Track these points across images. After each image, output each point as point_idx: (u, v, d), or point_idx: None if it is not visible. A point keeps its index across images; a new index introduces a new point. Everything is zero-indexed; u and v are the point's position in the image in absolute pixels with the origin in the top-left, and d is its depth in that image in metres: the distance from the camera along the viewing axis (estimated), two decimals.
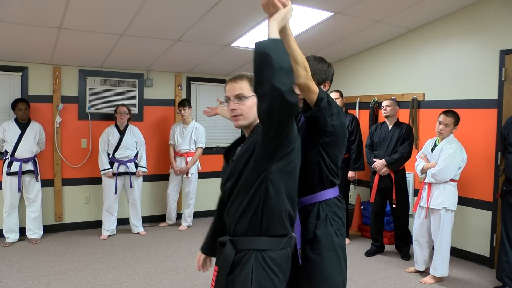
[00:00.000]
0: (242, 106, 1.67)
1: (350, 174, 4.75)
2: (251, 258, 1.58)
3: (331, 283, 1.87)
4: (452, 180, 3.64)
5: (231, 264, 1.62)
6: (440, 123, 3.69)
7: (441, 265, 3.64)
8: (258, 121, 1.64)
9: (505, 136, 3.53)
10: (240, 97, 1.67)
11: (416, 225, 3.87)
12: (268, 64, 1.37)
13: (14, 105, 4.60)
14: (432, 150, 3.80)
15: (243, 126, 1.72)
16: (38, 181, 4.72)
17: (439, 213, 3.63)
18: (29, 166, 4.63)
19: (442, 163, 3.60)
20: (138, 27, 3.99)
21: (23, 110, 4.60)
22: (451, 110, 3.76)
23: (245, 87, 1.67)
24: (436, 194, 3.64)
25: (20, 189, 4.59)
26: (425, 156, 3.83)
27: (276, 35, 1.46)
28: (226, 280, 1.64)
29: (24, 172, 4.59)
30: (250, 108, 1.66)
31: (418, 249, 3.87)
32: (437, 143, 3.78)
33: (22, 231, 4.75)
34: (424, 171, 3.74)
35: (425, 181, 3.74)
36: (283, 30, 1.56)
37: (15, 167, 4.55)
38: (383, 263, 4.23)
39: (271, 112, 1.40)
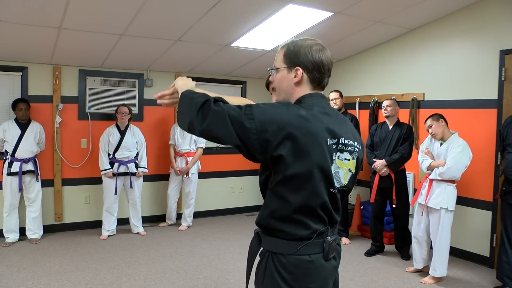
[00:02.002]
0: (274, 79, 1.54)
1: None
2: (264, 259, 1.48)
3: None
4: (451, 181, 3.66)
5: (255, 258, 1.53)
6: (427, 129, 3.76)
7: (441, 266, 3.65)
8: (297, 97, 1.50)
9: (504, 136, 3.54)
10: (274, 69, 1.54)
11: (415, 222, 3.88)
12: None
13: (15, 105, 4.60)
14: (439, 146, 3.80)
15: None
16: (38, 181, 4.72)
17: (438, 213, 3.63)
18: (29, 166, 4.63)
19: (450, 162, 3.59)
20: (138, 27, 3.99)
21: (23, 110, 4.60)
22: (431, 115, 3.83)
23: (278, 58, 1.52)
24: (436, 194, 3.65)
25: (20, 189, 4.59)
26: (430, 152, 3.83)
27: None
28: (249, 273, 1.57)
29: (24, 172, 4.59)
30: (279, 82, 1.52)
31: (417, 247, 3.87)
32: (442, 142, 3.78)
33: (22, 231, 4.75)
34: (431, 168, 3.73)
35: (430, 178, 3.73)
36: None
37: (16, 167, 4.55)
38: (383, 263, 4.23)
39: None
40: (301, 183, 1.38)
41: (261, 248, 1.53)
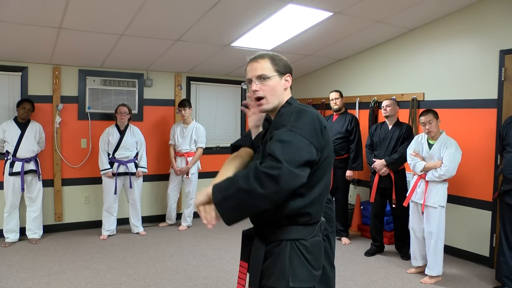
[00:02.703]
0: (264, 87, 1.63)
1: (348, 173, 4.75)
2: (286, 249, 1.55)
3: None
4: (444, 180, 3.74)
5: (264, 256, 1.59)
6: (424, 124, 3.77)
7: (438, 263, 3.69)
8: (283, 102, 1.66)
9: (504, 136, 3.55)
10: (262, 78, 1.63)
11: (414, 221, 3.91)
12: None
13: (20, 103, 4.61)
14: (428, 148, 3.83)
15: (268, 111, 1.68)
16: (40, 180, 4.72)
17: (435, 211, 3.68)
18: (31, 166, 4.64)
19: (448, 163, 3.62)
20: (138, 27, 3.99)
21: (26, 110, 4.61)
22: (426, 109, 3.84)
23: (267, 67, 1.63)
24: (434, 193, 3.70)
25: (23, 189, 4.59)
26: (418, 154, 3.86)
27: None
28: (259, 273, 1.60)
29: (26, 172, 4.60)
30: (272, 89, 1.63)
31: (417, 244, 3.88)
32: (430, 142, 3.82)
33: (22, 231, 4.75)
34: (425, 170, 3.75)
35: (426, 179, 3.74)
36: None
37: (17, 167, 4.55)
38: (383, 263, 4.23)
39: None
40: (327, 166, 1.59)
41: (265, 246, 1.60)
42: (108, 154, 4.94)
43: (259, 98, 1.65)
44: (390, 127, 4.40)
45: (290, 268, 1.53)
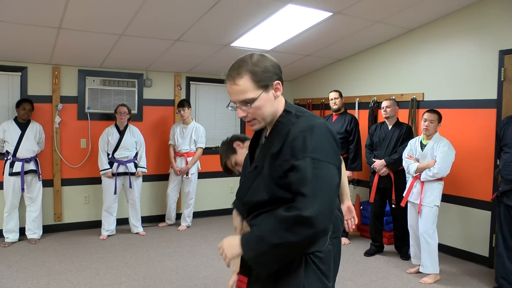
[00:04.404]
0: (251, 110, 1.42)
1: (347, 174, 4.75)
2: (301, 263, 1.43)
3: None
4: (439, 179, 3.76)
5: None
6: (425, 120, 3.82)
7: (432, 263, 3.70)
8: (279, 112, 1.46)
9: (501, 137, 3.55)
10: (246, 102, 1.41)
11: (412, 220, 3.93)
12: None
13: (19, 103, 4.61)
14: (420, 149, 3.86)
15: (262, 128, 1.53)
16: (40, 180, 4.72)
17: (430, 211, 3.71)
18: (31, 166, 4.64)
19: (441, 161, 3.67)
20: (138, 27, 3.99)
21: (26, 110, 4.61)
22: (434, 109, 3.90)
23: (248, 88, 1.39)
24: (429, 193, 3.74)
25: (23, 189, 4.59)
26: (411, 156, 3.91)
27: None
28: None
29: (26, 172, 4.59)
30: (261, 109, 1.42)
31: (416, 243, 3.89)
32: (423, 142, 3.85)
33: (22, 231, 4.74)
34: (419, 170, 3.78)
35: (422, 180, 3.77)
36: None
37: (17, 167, 4.55)
38: (382, 263, 4.23)
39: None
40: (340, 172, 1.45)
41: None
42: (108, 154, 4.94)
43: (249, 120, 1.46)
44: (390, 127, 4.41)
45: (307, 284, 1.43)
